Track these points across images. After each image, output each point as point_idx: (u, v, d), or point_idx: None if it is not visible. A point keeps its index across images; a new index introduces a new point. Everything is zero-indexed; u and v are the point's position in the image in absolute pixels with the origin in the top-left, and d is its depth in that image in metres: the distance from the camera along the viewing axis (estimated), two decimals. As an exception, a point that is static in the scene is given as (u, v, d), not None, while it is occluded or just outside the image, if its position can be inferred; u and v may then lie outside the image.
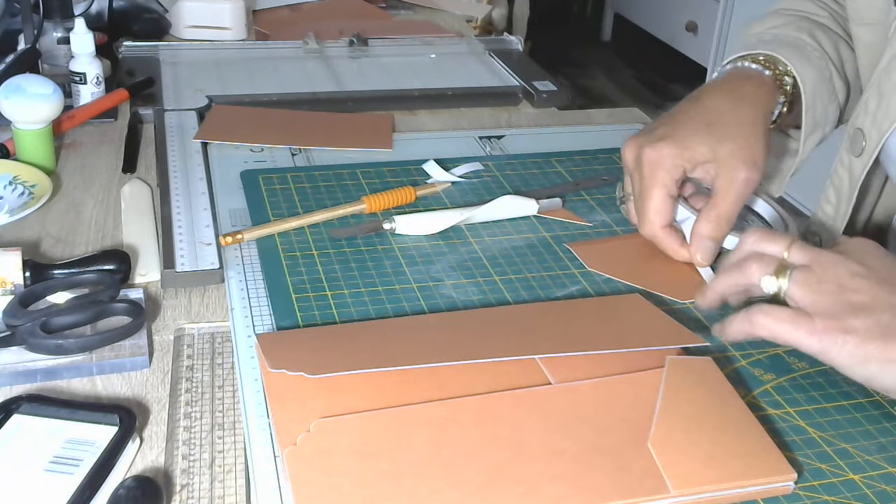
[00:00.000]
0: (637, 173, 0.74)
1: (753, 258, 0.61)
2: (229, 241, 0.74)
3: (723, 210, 0.71)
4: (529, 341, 0.61)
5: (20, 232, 0.78)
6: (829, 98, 0.83)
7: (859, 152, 0.78)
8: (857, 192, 0.80)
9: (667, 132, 0.73)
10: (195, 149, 0.92)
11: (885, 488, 0.53)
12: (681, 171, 0.72)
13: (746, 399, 0.58)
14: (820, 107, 0.82)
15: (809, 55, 0.82)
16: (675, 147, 0.72)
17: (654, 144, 0.72)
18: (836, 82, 0.83)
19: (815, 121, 0.82)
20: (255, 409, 0.56)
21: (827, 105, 0.83)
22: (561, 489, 0.50)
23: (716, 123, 0.73)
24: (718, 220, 0.71)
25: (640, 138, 0.74)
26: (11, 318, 0.62)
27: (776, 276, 0.59)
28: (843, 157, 0.82)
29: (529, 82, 1.16)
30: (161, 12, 1.32)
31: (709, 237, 0.72)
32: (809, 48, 0.83)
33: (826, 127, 0.84)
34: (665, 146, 0.72)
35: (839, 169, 0.82)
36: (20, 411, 0.55)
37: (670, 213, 0.73)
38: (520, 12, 2.30)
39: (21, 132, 0.87)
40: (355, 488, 0.49)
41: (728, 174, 0.71)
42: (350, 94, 1.12)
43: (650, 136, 0.74)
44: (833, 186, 0.83)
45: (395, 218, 0.77)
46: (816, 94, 0.81)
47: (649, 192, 0.73)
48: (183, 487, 0.52)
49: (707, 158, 0.72)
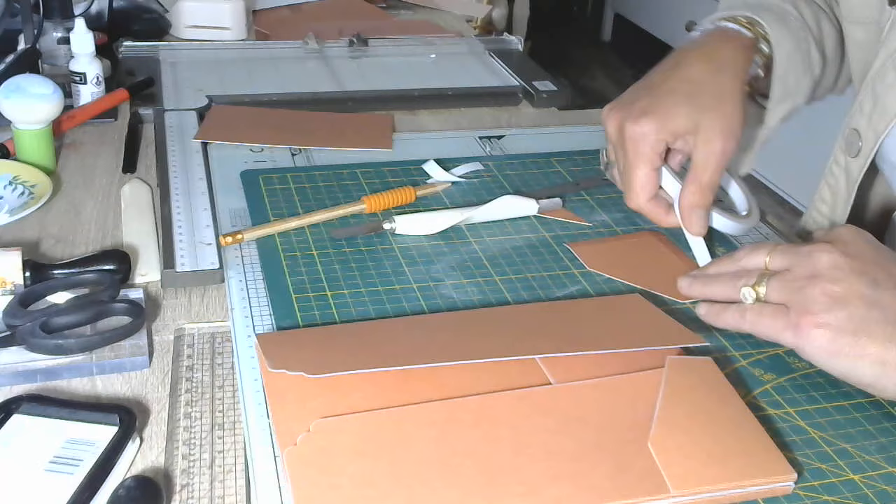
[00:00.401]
0: (620, 147, 0.75)
1: (741, 275, 0.64)
2: (229, 241, 0.74)
3: (705, 180, 0.73)
4: (529, 341, 0.61)
5: (20, 232, 0.78)
6: (804, 69, 0.82)
7: (856, 153, 0.78)
8: (854, 193, 0.80)
9: (648, 105, 0.74)
10: (195, 149, 0.92)
11: (885, 488, 0.53)
12: (663, 144, 0.74)
13: (746, 399, 0.58)
14: (792, 77, 0.82)
15: (790, 23, 0.82)
16: (656, 122, 0.73)
17: (637, 120, 0.73)
18: (813, 54, 0.83)
19: (785, 90, 0.82)
20: (255, 409, 0.56)
21: (800, 76, 0.83)
22: (561, 489, 0.50)
23: (696, 94, 0.74)
24: (702, 189, 0.73)
25: (621, 111, 0.75)
26: (11, 318, 0.62)
27: (755, 287, 0.62)
28: (838, 158, 0.82)
29: (529, 82, 1.16)
30: (161, 12, 1.32)
31: (697, 206, 0.73)
32: (791, 17, 0.82)
33: (797, 98, 0.84)
34: (647, 121, 0.73)
35: (834, 169, 0.82)
36: (20, 411, 0.55)
37: (655, 186, 0.75)
38: (520, 12, 2.30)
39: (21, 132, 0.87)
40: (355, 488, 0.49)
41: (707, 145, 0.73)
42: (350, 94, 1.12)
43: (631, 110, 0.74)
44: (828, 186, 0.83)
45: (395, 218, 0.77)
46: (790, 63, 0.81)
47: (633, 167, 0.74)
48: (183, 487, 0.52)
49: (688, 130, 0.73)
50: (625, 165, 0.75)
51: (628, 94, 0.77)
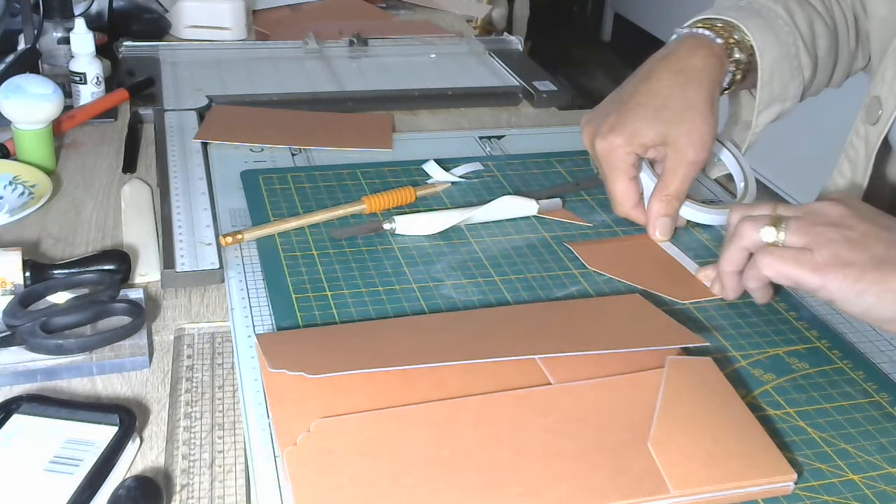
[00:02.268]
0: (597, 159, 0.78)
1: (746, 222, 0.65)
2: (229, 241, 0.74)
3: (672, 189, 0.76)
4: (529, 341, 0.61)
5: (20, 232, 0.78)
6: (792, 74, 0.84)
7: (875, 120, 0.79)
8: (873, 161, 0.80)
9: (616, 121, 0.76)
10: (195, 149, 0.92)
11: (885, 488, 0.53)
12: (633, 156, 0.76)
13: (746, 399, 0.58)
14: (778, 82, 0.83)
15: (777, 28, 0.83)
16: (624, 137, 0.76)
17: (605, 136, 0.76)
18: (801, 58, 0.84)
19: (771, 95, 0.84)
20: (255, 409, 0.56)
21: (788, 81, 0.84)
22: (561, 489, 0.50)
23: (663, 108, 0.76)
24: (669, 199, 0.76)
25: (591, 125, 0.79)
26: (11, 318, 0.62)
27: (773, 226, 0.63)
28: (858, 129, 0.82)
29: (529, 82, 1.16)
30: (161, 12, 1.32)
31: (663, 215, 0.77)
32: (780, 21, 0.83)
33: (786, 103, 0.85)
34: (615, 138, 0.76)
35: (854, 140, 0.83)
36: (20, 411, 0.55)
37: (636, 193, 0.78)
38: (520, 12, 2.30)
39: (21, 132, 0.87)
40: (355, 488, 0.49)
41: (676, 156, 0.75)
42: (350, 94, 1.12)
43: (601, 125, 0.77)
44: (848, 159, 0.84)
45: (395, 218, 0.77)
46: (776, 68, 0.82)
47: (611, 181, 0.78)
48: (183, 487, 0.52)
49: (657, 142, 0.76)
50: (604, 178, 0.78)
51: (602, 107, 0.80)
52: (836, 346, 0.65)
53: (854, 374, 0.63)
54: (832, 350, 0.65)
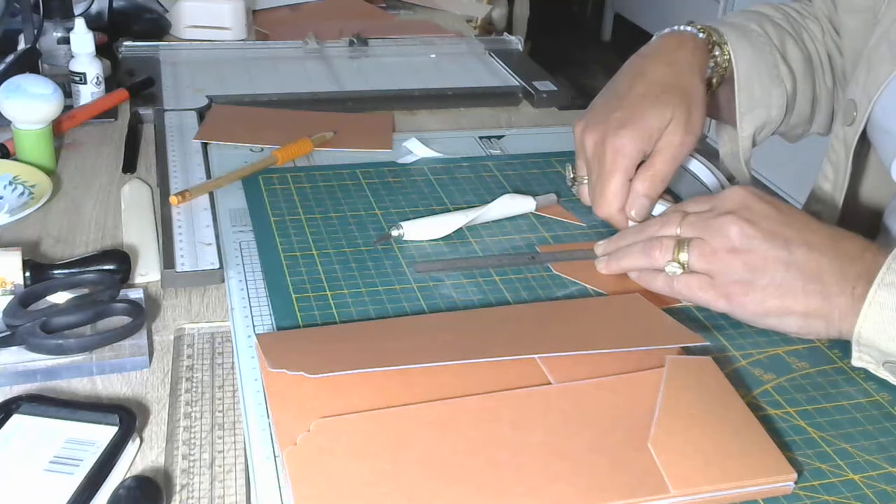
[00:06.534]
0: (597, 160, 0.77)
1: (655, 244, 0.67)
2: (178, 200, 0.78)
3: (658, 170, 0.76)
4: (529, 341, 0.61)
5: (20, 232, 0.78)
6: (772, 80, 0.86)
7: (851, 121, 0.81)
8: (850, 161, 0.82)
9: (625, 117, 0.76)
10: (195, 149, 0.92)
11: (885, 488, 0.53)
12: (641, 153, 0.76)
13: (746, 399, 0.58)
14: (758, 87, 0.85)
15: (753, 38, 0.86)
16: (636, 132, 0.75)
17: (617, 132, 0.75)
18: (780, 67, 0.86)
19: (751, 100, 0.85)
20: (255, 409, 0.56)
21: (769, 86, 0.85)
22: (561, 489, 0.50)
23: (664, 93, 0.77)
24: (654, 179, 0.76)
25: (599, 126, 0.77)
26: (11, 318, 0.62)
27: (676, 258, 0.66)
28: (837, 132, 0.84)
29: (529, 82, 1.16)
30: (161, 12, 1.32)
31: (644, 195, 0.76)
32: (754, 34, 0.87)
33: (771, 110, 0.86)
34: (627, 133, 0.75)
35: (835, 143, 0.85)
36: (20, 411, 0.55)
37: (626, 196, 0.77)
38: (520, 12, 2.30)
39: (21, 132, 0.87)
40: (355, 488, 0.49)
41: (666, 138, 0.76)
42: (350, 94, 1.12)
43: (609, 124, 0.76)
44: (830, 162, 0.86)
45: (402, 224, 0.76)
46: (753, 73, 0.85)
47: (610, 175, 0.76)
48: (183, 487, 0.52)
49: (661, 127, 0.76)
50: (599, 175, 0.77)
51: (599, 108, 0.80)
52: (836, 345, 0.65)
53: (854, 373, 0.63)
54: (832, 350, 0.65)
